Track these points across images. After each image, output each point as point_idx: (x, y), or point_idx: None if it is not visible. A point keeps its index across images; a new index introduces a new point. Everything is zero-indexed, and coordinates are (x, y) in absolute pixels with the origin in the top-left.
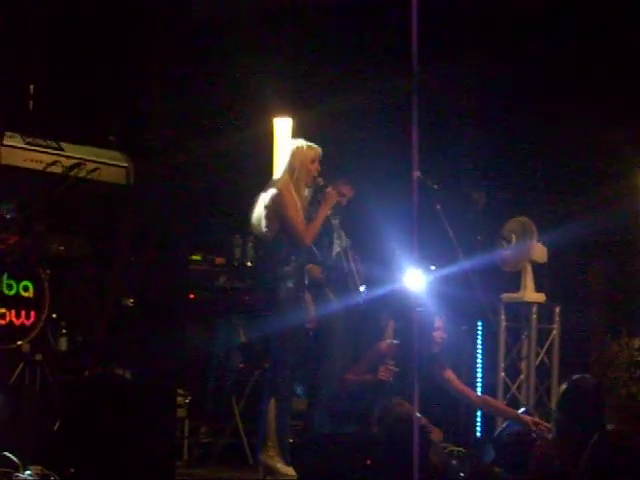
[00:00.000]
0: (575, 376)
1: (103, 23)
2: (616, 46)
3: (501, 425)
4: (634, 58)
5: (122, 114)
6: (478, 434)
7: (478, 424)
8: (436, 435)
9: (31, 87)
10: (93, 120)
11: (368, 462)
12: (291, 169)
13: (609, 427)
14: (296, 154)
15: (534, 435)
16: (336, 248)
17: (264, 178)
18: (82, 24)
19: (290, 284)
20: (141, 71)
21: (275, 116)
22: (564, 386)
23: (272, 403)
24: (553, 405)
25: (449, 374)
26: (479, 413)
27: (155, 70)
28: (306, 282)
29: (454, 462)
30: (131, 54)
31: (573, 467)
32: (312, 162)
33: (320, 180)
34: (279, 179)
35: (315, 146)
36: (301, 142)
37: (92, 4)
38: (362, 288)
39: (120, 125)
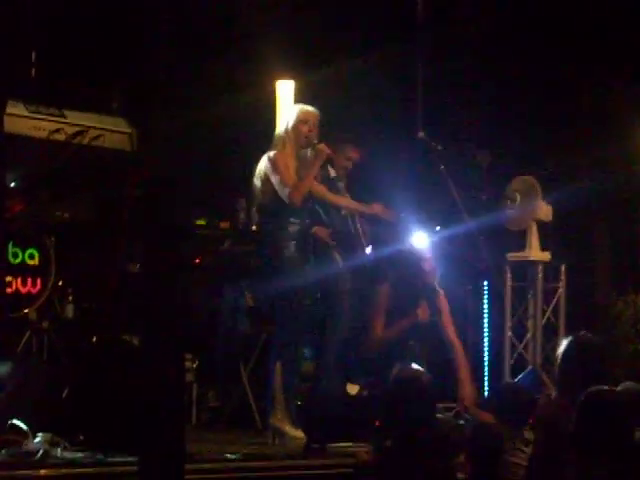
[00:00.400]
0: (577, 333)
1: None
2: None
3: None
4: None
5: (124, 79)
6: (485, 393)
7: (486, 383)
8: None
9: (33, 54)
10: (95, 86)
11: (377, 424)
12: (285, 132)
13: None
14: (290, 117)
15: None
16: (342, 210)
17: (267, 141)
18: None
19: (292, 246)
20: (144, 35)
21: (277, 78)
22: (565, 343)
23: (279, 366)
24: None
25: (442, 301)
26: (486, 374)
27: (158, 35)
28: (311, 244)
29: (461, 422)
30: (133, 17)
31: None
32: (304, 123)
33: (314, 141)
34: (272, 143)
35: (310, 109)
36: (298, 105)
37: None
38: (368, 249)
39: (123, 91)
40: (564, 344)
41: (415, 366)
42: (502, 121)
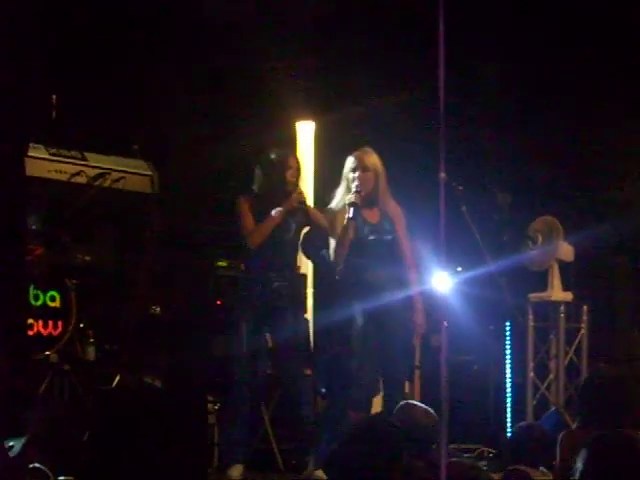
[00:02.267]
0: (597, 368)
1: (124, 31)
2: None
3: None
4: None
5: (145, 122)
6: (508, 434)
7: (509, 424)
8: None
9: (53, 97)
10: (116, 129)
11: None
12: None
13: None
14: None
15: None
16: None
17: None
18: (103, 34)
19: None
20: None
21: (298, 119)
22: (585, 377)
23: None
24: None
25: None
26: (509, 415)
27: (177, 76)
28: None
29: (484, 464)
30: (152, 61)
31: None
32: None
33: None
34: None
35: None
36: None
37: (112, 14)
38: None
39: (143, 133)
40: (585, 376)
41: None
42: (523, 162)
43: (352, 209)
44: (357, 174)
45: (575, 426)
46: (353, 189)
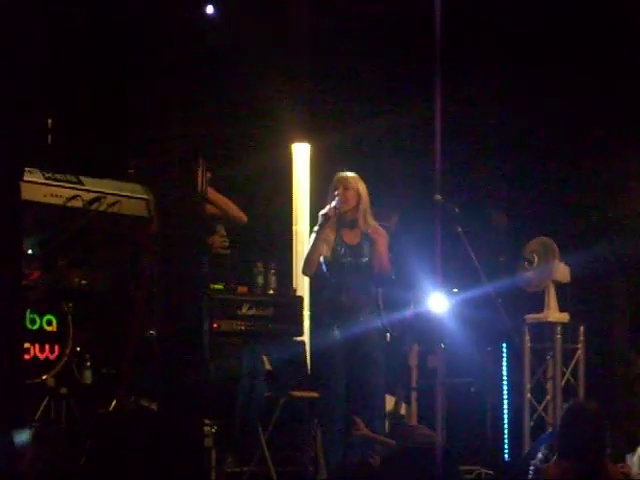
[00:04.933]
0: (575, 399)
1: (119, 55)
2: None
3: (530, 445)
4: None
5: (140, 146)
6: (506, 456)
7: (506, 445)
8: None
9: (49, 121)
10: (112, 153)
11: None
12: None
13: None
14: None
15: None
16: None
17: (283, 204)
18: (99, 57)
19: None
20: (159, 101)
21: (294, 141)
22: (564, 409)
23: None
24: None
25: None
26: (506, 436)
27: (173, 100)
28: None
29: None
30: (149, 85)
31: None
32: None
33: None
34: None
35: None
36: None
37: (108, 38)
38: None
39: (139, 157)
40: (564, 409)
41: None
42: (519, 183)
43: (321, 217)
44: (338, 191)
45: (554, 460)
46: (332, 204)
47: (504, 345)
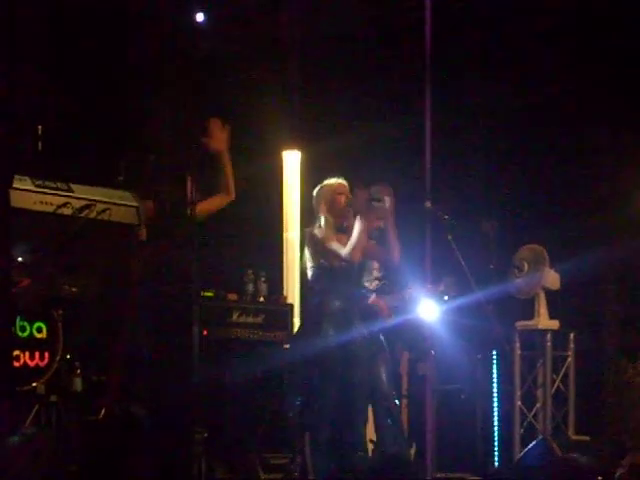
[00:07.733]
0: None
1: (111, 63)
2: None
3: (520, 452)
4: None
5: (131, 153)
6: (496, 463)
7: (496, 453)
8: None
9: (39, 128)
10: (102, 160)
11: None
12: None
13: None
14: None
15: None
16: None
17: (273, 211)
18: (89, 65)
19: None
20: (149, 108)
21: (284, 149)
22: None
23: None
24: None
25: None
26: (496, 443)
27: (163, 106)
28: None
29: None
30: (139, 92)
31: None
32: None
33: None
34: None
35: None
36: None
37: (100, 46)
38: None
39: (129, 165)
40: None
41: None
42: (509, 190)
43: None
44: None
45: None
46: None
47: (494, 352)
